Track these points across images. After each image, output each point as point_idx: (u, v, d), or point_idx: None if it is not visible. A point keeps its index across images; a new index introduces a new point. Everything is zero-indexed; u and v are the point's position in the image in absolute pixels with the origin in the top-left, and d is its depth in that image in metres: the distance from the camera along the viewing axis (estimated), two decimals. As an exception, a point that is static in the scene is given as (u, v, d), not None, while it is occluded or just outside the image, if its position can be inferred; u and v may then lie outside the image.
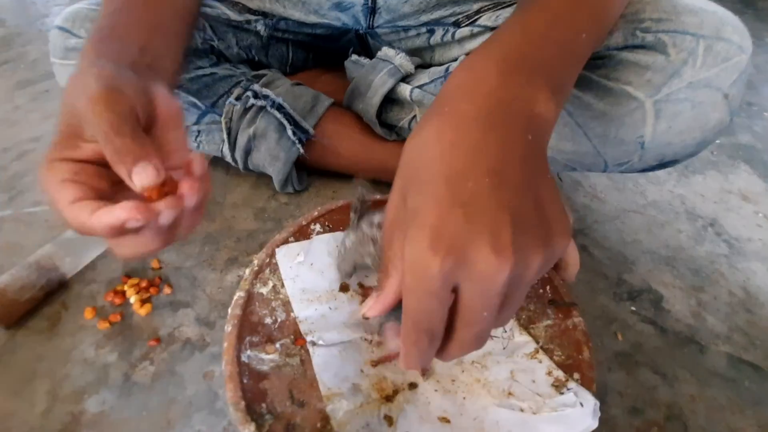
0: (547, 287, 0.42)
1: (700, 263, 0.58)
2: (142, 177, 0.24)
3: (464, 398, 0.36)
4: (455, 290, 0.21)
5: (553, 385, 0.35)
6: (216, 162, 0.62)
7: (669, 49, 0.37)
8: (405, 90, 0.55)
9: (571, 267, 0.46)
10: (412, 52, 0.58)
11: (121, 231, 0.24)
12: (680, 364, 0.46)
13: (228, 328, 0.35)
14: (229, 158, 0.57)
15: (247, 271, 0.39)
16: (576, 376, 0.36)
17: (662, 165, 0.45)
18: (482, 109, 0.22)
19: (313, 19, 0.59)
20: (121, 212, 0.23)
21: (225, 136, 0.55)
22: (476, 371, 0.38)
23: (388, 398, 0.35)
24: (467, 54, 0.32)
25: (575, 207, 0.65)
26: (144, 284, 0.46)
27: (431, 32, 0.57)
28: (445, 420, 0.34)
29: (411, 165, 0.22)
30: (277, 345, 0.37)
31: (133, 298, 0.45)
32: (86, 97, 0.25)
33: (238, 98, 0.55)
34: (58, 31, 0.51)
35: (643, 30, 0.38)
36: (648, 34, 0.37)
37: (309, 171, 0.62)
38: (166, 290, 0.47)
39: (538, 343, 0.39)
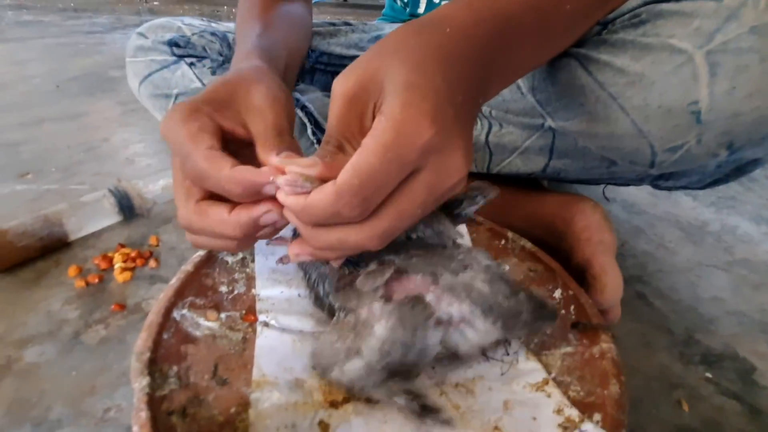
0: (571, 307, 0.32)
1: (816, 339, 0.42)
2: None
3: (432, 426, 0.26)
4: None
5: (560, 425, 0.25)
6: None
7: None
8: None
9: (609, 290, 0.35)
10: None
11: (253, 197, 0.23)
12: (786, 466, 0.31)
13: (172, 281, 0.31)
14: None
15: (218, 235, 0.36)
16: (597, 417, 0.25)
17: (738, 168, 0.34)
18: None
19: (353, 52, 0.61)
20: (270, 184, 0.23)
21: None
22: (459, 397, 0.28)
23: (334, 404, 0.27)
24: None
25: (633, 252, 0.53)
26: (133, 254, 0.45)
27: None
28: (398, 445, 0.25)
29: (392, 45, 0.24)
30: (222, 315, 0.31)
31: (117, 264, 0.44)
32: (259, 91, 0.27)
33: None
34: (135, 35, 0.59)
35: None
36: None
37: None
38: (152, 264, 0.45)
39: (549, 373, 0.29)
